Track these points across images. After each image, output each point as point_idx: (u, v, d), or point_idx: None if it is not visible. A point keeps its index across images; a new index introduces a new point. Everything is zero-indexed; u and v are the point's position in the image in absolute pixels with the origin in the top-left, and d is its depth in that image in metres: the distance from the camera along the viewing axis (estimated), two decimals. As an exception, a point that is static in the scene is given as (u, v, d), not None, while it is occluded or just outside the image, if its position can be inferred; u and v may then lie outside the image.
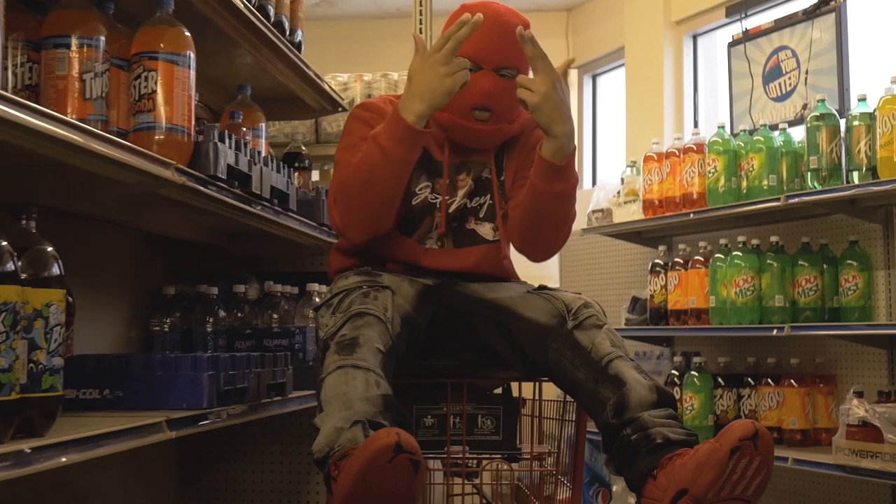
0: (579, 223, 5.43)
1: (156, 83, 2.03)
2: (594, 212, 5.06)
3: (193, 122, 2.13)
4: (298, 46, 2.88)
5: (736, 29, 5.35)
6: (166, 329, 2.96)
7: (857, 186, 3.57)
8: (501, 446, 2.47)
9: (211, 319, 2.98)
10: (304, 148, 3.31)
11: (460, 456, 2.42)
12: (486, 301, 2.36)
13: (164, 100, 2.04)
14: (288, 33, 2.78)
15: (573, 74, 7.18)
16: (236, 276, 3.21)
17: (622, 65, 6.49)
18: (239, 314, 3.08)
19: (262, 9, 2.58)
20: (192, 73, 2.11)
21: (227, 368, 2.24)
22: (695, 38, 6.01)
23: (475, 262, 2.44)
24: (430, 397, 2.44)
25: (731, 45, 5.31)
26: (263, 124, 2.84)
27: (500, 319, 2.33)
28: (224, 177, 2.19)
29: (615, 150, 6.70)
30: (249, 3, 2.47)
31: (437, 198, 2.42)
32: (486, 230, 2.46)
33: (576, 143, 2.29)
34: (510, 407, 2.47)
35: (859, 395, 3.52)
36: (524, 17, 2.39)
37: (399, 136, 2.17)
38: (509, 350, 2.34)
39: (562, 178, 2.28)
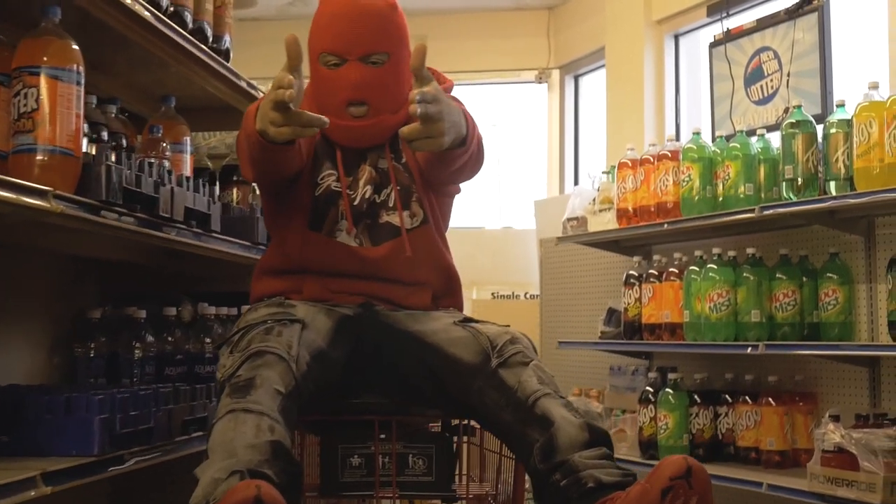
0: (555, 231, 5.30)
1: (36, 101, 1.85)
2: (569, 220, 4.86)
3: (83, 143, 1.94)
4: (225, 54, 2.70)
5: (718, 29, 5.16)
6: (91, 355, 2.80)
7: (834, 198, 3.37)
8: (435, 488, 2.29)
9: (139, 345, 2.81)
10: (243, 160, 3.12)
11: (390, 497, 2.24)
12: (410, 334, 2.18)
13: (46, 119, 1.86)
14: (211, 40, 2.60)
15: (555, 75, 7.00)
16: (170, 298, 3.03)
17: (604, 65, 6.29)
18: (169, 338, 2.91)
19: (178, 16, 2.40)
20: (80, 89, 1.92)
21: (126, 408, 2.06)
22: (676, 37, 5.82)
23: (399, 253, 2.27)
24: (357, 435, 2.26)
25: (713, 45, 5.12)
26: (188, 138, 2.65)
27: (423, 356, 2.15)
28: (120, 201, 2.00)
29: (599, 154, 6.51)
30: (161, 10, 2.28)
31: (339, 188, 2.29)
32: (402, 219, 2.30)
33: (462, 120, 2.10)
34: (444, 445, 2.29)
35: (835, 419, 3.33)
36: None
37: (254, 142, 2.00)
38: (433, 388, 2.16)
39: (457, 159, 2.16)
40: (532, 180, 7.19)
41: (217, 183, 3.11)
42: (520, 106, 7.37)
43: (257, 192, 3.39)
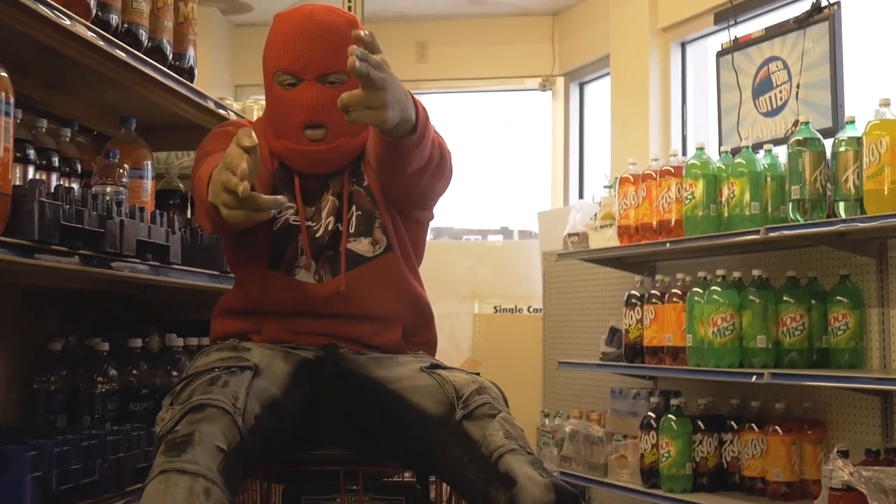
0: (559, 243, 5.13)
1: (-44, 134, 1.69)
2: (570, 235, 4.70)
3: (18, 175, 1.79)
4: (189, 72, 2.53)
5: (725, 37, 4.96)
6: (51, 389, 2.64)
7: (843, 221, 3.19)
8: (406, 543, 2.13)
9: (101, 379, 2.66)
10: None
11: (358, 554, 2.07)
12: (373, 381, 2.02)
13: (-34, 154, 1.69)
14: (171, 58, 2.43)
15: (559, 82, 6.81)
16: (136, 327, 2.88)
17: (608, 73, 6.11)
18: (134, 371, 2.75)
19: (131, 35, 2.23)
20: (8, 120, 1.76)
21: (65, 462, 1.90)
22: (683, 45, 5.62)
23: (362, 285, 2.10)
24: (321, 488, 2.09)
25: (720, 54, 4.93)
26: (149, 162, 2.49)
27: (384, 403, 1.98)
28: (56, 239, 1.84)
29: (604, 164, 6.32)
30: (110, 30, 2.12)
31: (298, 222, 2.12)
32: (363, 246, 2.13)
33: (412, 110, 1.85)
34: (416, 497, 2.12)
35: (844, 454, 3.14)
36: (347, 14, 2.12)
37: (207, 207, 1.83)
38: (396, 441, 1.99)
39: (409, 153, 1.93)
40: (536, 190, 7.01)
41: (189, 204, 2.95)
42: (524, 113, 7.19)
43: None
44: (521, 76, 6.87)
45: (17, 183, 2.06)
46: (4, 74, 1.78)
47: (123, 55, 2.13)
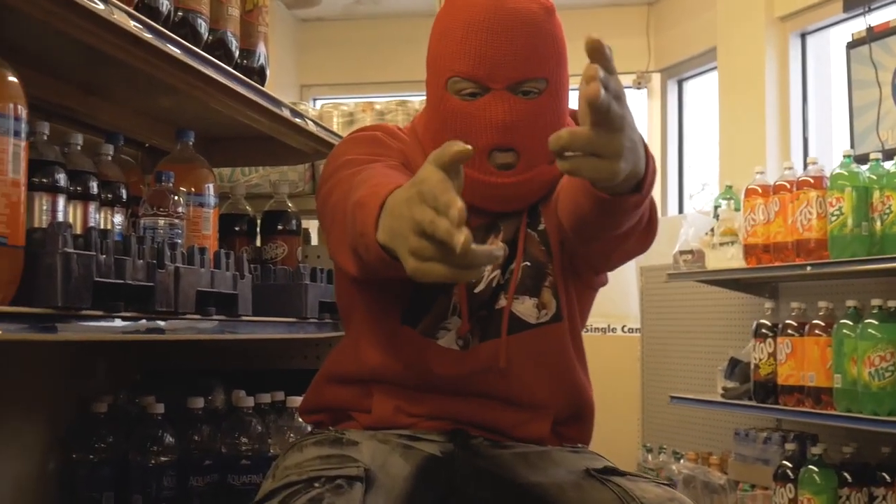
0: (657, 257, 4.61)
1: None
2: (682, 253, 4.16)
3: (24, 218, 1.31)
4: (259, 72, 2.03)
5: (857, 26, 4.40)
6: (95, 460, 2.19)
7: None
8: None
9: (155, 447, 2.19)
10: (290, 204, 2.46)
11: None
12: (525, 489, 1.51)
13: (-41, 192, 1.21)
14: (237, 56, 1.94)
15: (655, 79, 6.24)
16: (197, 381, 2.41)
17: (714, 68, 5.54)
18: (195, 437, 2.27)
19: (186, 24, 1.74)
20: (19, 142, 1.28)
21: None
22: (803, 36, 5.04)
23: (518, 360, 1.59)
24: None
25: (851, 45, 4.35)
26: (211, 185, 2.00)
27: None
28: (87, 304, 1.36)
29: (707, 170, 5.76)
30: (158, 19, 1.63)
31: None
32: (526, 309, 1.61)
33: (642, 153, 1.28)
34: None
35: None
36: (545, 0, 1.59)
37: (371, 250, 1.30)
38: None
39: (624, 214, 1.38)
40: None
41: (258, 233, 2.47)
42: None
43: (312, 242, 2.74)
44: (613, 73, 6.32)
45: (42, 224, 1.59)
46: (13, 79, 1.29)
47: (177, 51, 1.63)
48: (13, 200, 1.26)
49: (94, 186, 1.78)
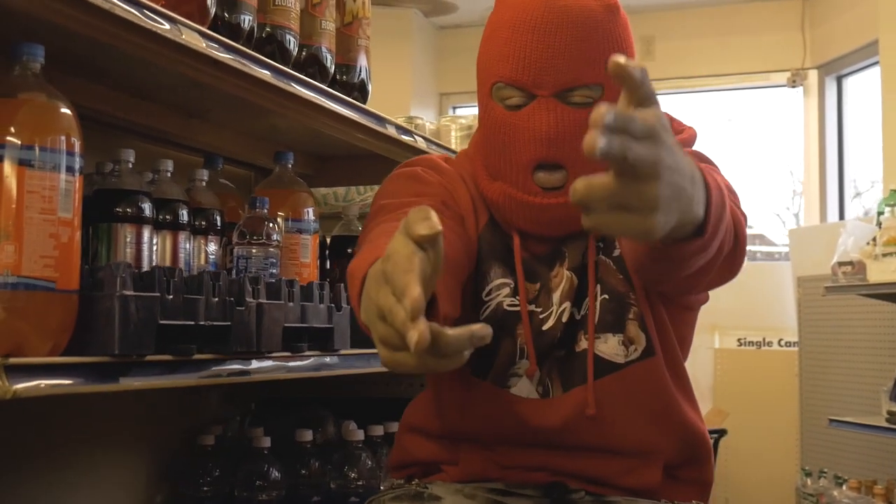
0: (815, 267, 4.30)
1: (-10, 203, 1.13)
2: (842, 264, 3.86)
3: (79, 263, 1.21)
4: (360, 88, 1.91)
5: None
6: (201, 495, 2.11)
7: None
8: None
9: (261, 482, 2.10)
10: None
11: None
12: None
13: (3, 233, 1.12)
14: (334, 71, 1.82)
15: (811, 76, 5.86)
16: (306, 411, 2.31)
17: (876, 63, 5.16)
18: (303, 471, 2.17)
19: (273, 41, 1.63)
20: (71, 178, 1.18)
21: None
22: (978, 26, 4.63)
23: (611, 404, 1.42)
24: None
25: None
26: (311, 209, 1.88)
27: None
28: (150, 349, 1.26)
29: (870, 174, 5.38)
30: (239, 37, 1.53)
31: (517, 305, 1.44)
32: (610, 347, 1.42)
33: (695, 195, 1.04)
34: None
35: None
36: None
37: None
38: None
39: (687, 260, 1.19)
40: (785, 204, 6.12)
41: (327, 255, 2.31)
42: (768, 115, 6.30)
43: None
44: (766, 71, 5.97)
45: (126, 257, 1.50)
46: (66, 111, 1.19)
47: (261, 70, 1.52)
48: (63, 242, 1.16)
49: (183, 214, 1.69)
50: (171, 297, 1.31)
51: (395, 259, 0.90)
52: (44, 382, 1.13)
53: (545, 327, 1.43)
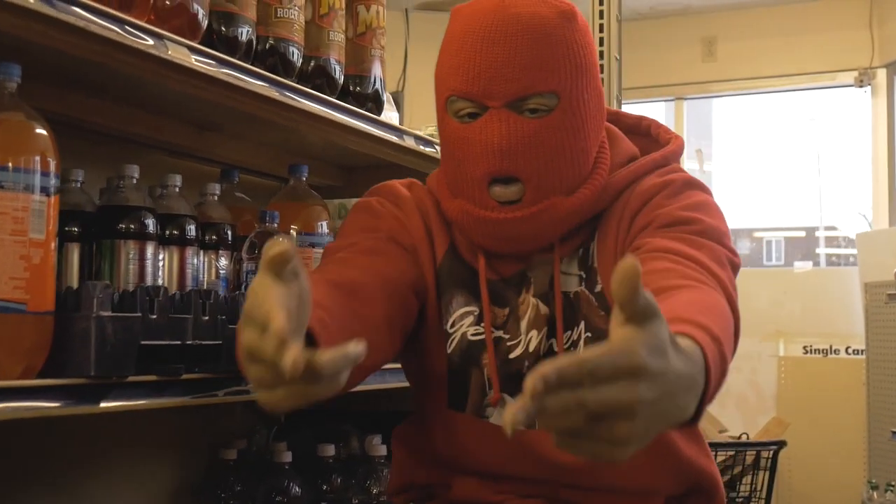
0: (884, 272, 4.16)
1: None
2: (905, 270, 3.73)
3: (52, 285, 1.20)
4: (374, 98, 1.88)
5: None
6: (224, 507, 2.10)
7: None
8: None
9: (281, 498, 2.08)
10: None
11: None
12: None
13: (-29, 255, 1.12)
14: (343, 82, 1.79)
15: (880, 75, 5.69)
16: (329, 425, 2.29)
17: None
18: (324, 486, 2.15)
19: (275, 53, 1.60)
20: (45, 199, 1.17)
21: None
22: None
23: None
24: None
25: None
26: (325, 223, 1.86)
27: None
28: (130, 371, 1.24)
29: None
30: (236, 51, 1.51)
31: (482, 333, 1.39)
32: None
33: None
34: None
35: None
36: (561, 3, 1.34)
37: None
38: None
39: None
40: (852, 207, 5.94)
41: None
42: (834, 116, 6.13)
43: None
44: (832, 70, 5.81)
45: (129, 274, 1.49)
46: (41, 132, 1.18)
47: (258, 83, 1.50)
48: (34, 263, 1.15)
49: (191, 230, 1.68)
50: (154, 316, 1.29)
51: (252, 294, 0.87)
52: (16, 405, 1.12)
53: (513, 355, 1.38)
